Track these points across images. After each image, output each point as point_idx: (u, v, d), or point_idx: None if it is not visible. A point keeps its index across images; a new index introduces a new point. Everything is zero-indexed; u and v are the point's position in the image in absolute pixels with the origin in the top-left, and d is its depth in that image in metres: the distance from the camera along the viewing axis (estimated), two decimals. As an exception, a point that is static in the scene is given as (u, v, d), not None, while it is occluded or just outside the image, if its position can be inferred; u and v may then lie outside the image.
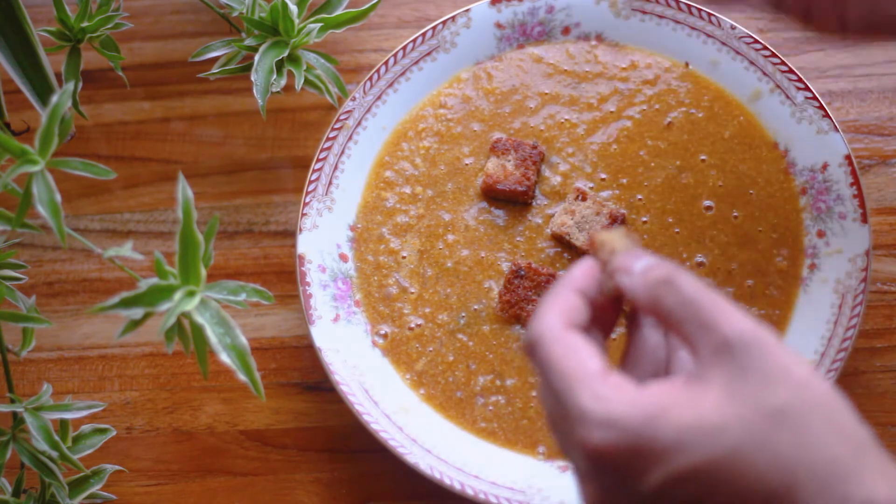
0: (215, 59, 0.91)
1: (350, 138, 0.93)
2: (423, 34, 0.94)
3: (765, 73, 0.92)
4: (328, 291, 0.89)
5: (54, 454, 0.77)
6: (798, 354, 0.55)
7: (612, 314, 0.62)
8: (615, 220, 0.89)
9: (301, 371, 0.93)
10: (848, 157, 0.89)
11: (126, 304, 0.64)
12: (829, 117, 0.90)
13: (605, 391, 0.55)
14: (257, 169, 0.99)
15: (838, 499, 0.52)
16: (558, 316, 0.59)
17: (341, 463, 0.90)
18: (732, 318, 0.55)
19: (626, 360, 0.62)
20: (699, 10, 0.93)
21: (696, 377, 0.55)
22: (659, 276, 0.57)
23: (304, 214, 0.90)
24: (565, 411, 0.56)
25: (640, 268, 0.58)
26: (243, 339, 0.66)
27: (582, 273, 0.61)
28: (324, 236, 0.91)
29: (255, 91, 0.87)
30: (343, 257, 0.91)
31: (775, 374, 0.54)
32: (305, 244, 0.90)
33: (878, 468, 0.54)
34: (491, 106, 0.94)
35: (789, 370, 0.54)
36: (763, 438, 0.53)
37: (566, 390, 0.56)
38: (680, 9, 0.93)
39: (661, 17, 0.94)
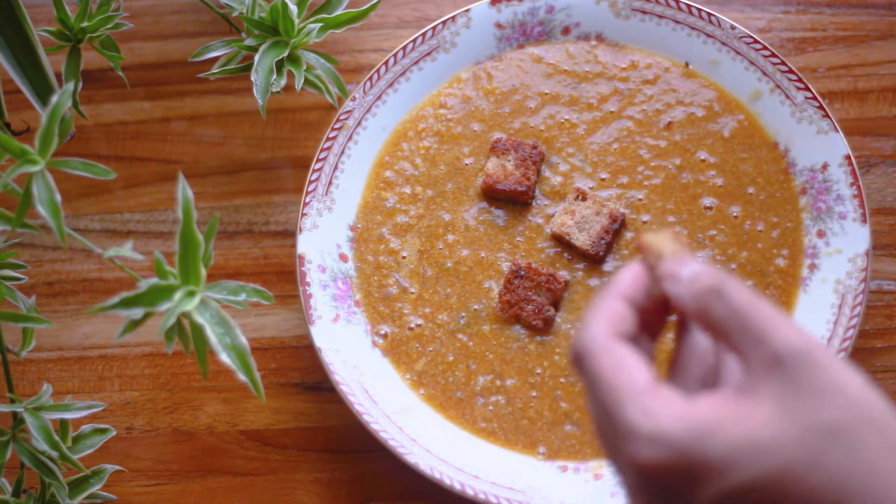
0: (215, 59, 0.91)
1: (350, 138, 0.93)
2: (423, 34, 0.94)
3: (765, 73, 0.92)
4: (328, 291, 0.89)
5: (54, 454, 0.77)
6: (851, 367, 0.53)
7: (660, 318, 0.61)
8: (615, 220, 0.89)
9: (301, 371, 0.93)
10: (848, 157, 0.89)
11: (126, 304, 0.64)
12: (829, 117, 0.90)
13: (653, 405, 0.54)
14: (257, 169, 0.99)
15: None
16: (605, 326, 0.57)
17: (341, 463, 0.90)
18: (783, 329, 0.53)
19: (675, 366, 0.60)
20: (699, 10, 0.93)
21: (746, 390, 0.54)
22: (707, 285, 0.55)
23: (304, 214, 0.90)
24: (614, 425, 0.55)
25: (688, 275, 0.57)
26: (243, 339, 0.66)
27: (629, 279, 0.59)
28: (324, 236, 0.91)
29: (255, 91, 0.87)
30: (343, 257, 0.91)
31: (828, 390, 0.52)
32: (305, 244, 0.90)
33: None
34: (491, 106, 0.94)
35: (842, 385, 0.52)
36: (816, 456, 0.51)
37: (614, 404, 0.55)
38: (680, 9, 0.93)
39: (661, 17, 0.94)
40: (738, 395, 0.54)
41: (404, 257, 0.91)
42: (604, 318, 0.58)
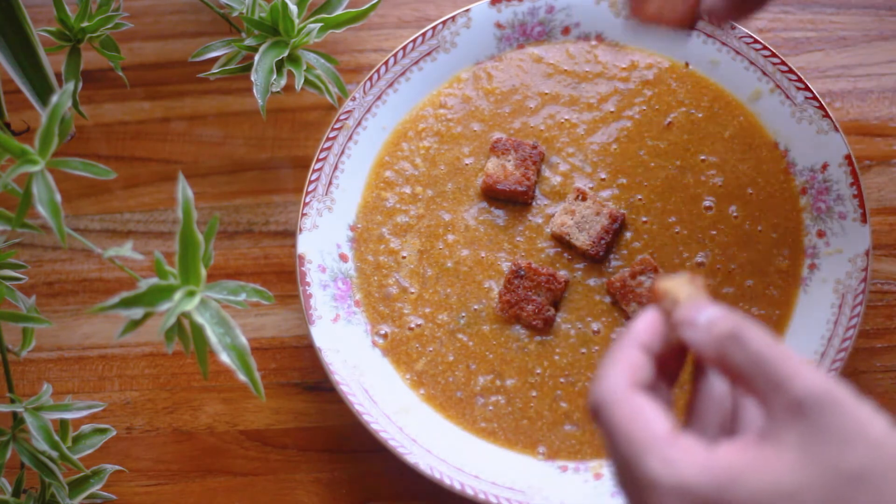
0: (215, 59, 0.91)
1: (350, 138, 0.93)
2: (423, 34, 0.94)
3: (765, 73, 0.92)
4: (328, 291, 0.89)
5: (54, 454, 0.77)
6: (874, 410, 0.52)
7: (677, 362, 0.60)
8: (615, 221, 0.89)
9: (301, 371, 0.93)
10: (848, 157, 0.89)
11: (126, 304, 0.64)
12: (829, 117, 0.90)
13: (674, 455, 0.53)
14: (257, 169, 0.99)
15: None
16: (622, 376, 0.57)
17: (341, 463, 0.90)
18: (804, 374, 0.52)
19: (693, 413, 0.60)
20: (699, 10, 0.93)
21: (768, 436, 0.53)
22: (725, 331, 0.55)
23: (304, 214, 0.90)
24: (635, 477, 0.54)
25: (705, 321, 0.56)
26: (243, 339, 0.66)
27: (645, 327, 0.59)
28: (324, 236, 0.91)
29: (255, 91, 0.87)
30: (343, 257, 0.91)
31: (851, 434, 0.51)
32: (305, 244, 0.90)
33: None
34: (491, 106, 0.94)
35: (865, 428, 0.51)
36: (841, 503, 0.50)
37: (634, 455, 0.54)
38: (680, 9, 0.93)
39: (661, 17, 0.94)
40: (759, 442, 0.53)
41: (404, 257, 0.91)
42: (621, 368, 0.57)
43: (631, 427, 0.54)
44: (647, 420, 0.55)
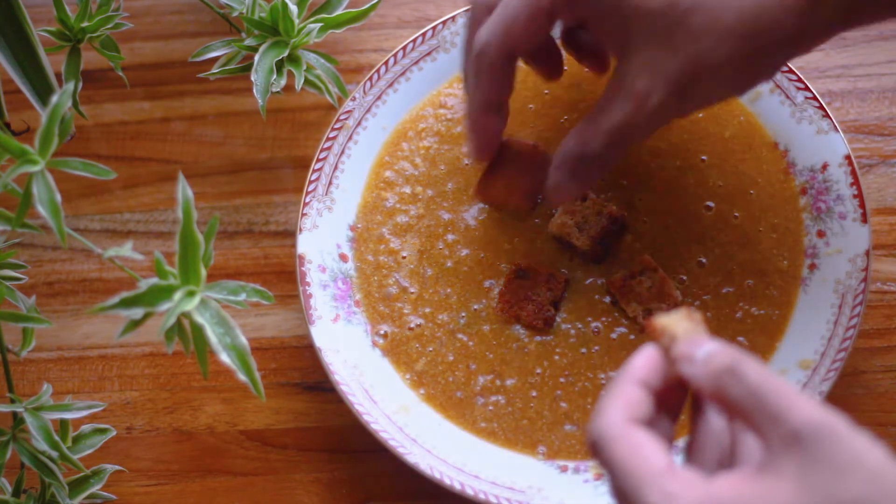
0: (215, 59, 0.91)
1: (350, 138, 0.93)
2: (423, 34, 0.94)
3: (765, 73, 0.92)
4: (328, 291, 0.89)
5: (54, 454, 0.77)
6: (871, 440, 0.53)
7: (677, 398, 0.61)
8: (616, 221, 0.88)
9: (301, 371, 0.93)
10: (848, 157, 0.89)
11: (126, 304, 0.64)
12: (829, 117, 0.90)
13: (673, 488, 0.53)
14: (257, 169, 0.99)
15: None
16: (621, 412, 0.57)
17: (341, 463, 0.90)
18: (801, 406, 0.53)
19: (692, 448, 0.60)
20: (699, 10, 0.93)
21: (766, 468, 0.53)
22: (722, 365, 0.56)
23: (304, 214, 0.90)
24: None
25: (703, 356, 0.57)
26: (243, 339, 0.66)
27: (643, 363, 0.59)
28: (324, 236, 0.91)
29: (255, 91, 0.87)
30: (343, 257, 0.91)
31: (848, 465, 0.52)
32: (305, 244, 0.90)
33: None
34: (491, 106, 0.94)
35: (862, 458, 0.52)
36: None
37: (633, 489, 0.54)
38: (680, 9, 0.93)
39: (661, 17, 0.94)
40: (757, 474, 0.53)
41: (404, 257, 0.91)
42: (619, 404, 0.58)
43: (630, 462, 0.55)
44: (647, 455, 0.55)
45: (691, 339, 0.58)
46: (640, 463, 0.55)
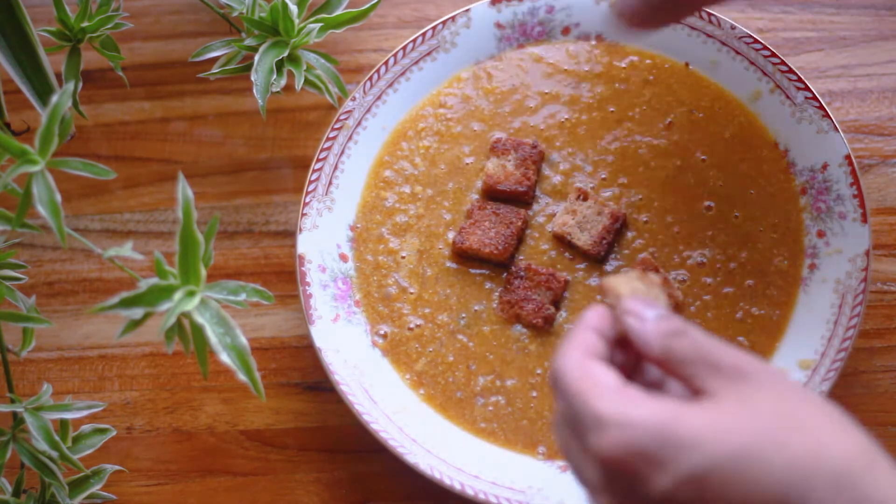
0: (215, 59, 0.91)
1: (350, 138, 0.93)
2: (423, 34, 0.94)
3: (765, 73, 0.92)
4: (328, 291, 0.89)
5: (54, 454, 0.77)
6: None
7: (629, 360, 0.66)
8: (616, 220, 0.89)
9: (301, 371, 0.93)
10: (848, 157, 0.89)
11: (126, 304, 0.64)
12: (829, 117, 0.90)
13: (623, 399, 0.59)
14: (257, 169, 0.99)
15: (856, 499, 0.54)
16: (577, 350, 0.63)
17: (341, 463, 0.90)
18: (743, 355, 0.60)
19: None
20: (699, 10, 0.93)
21: (706, 396, 0.59)
22: (673, 327, 0.62)
23: (304, 214, 0.90)
24: (583, 423, 0.59)
25: (653, 316, 0.63)
26: (243, 339, 0.66)
27: (595, 315, 0.65)
28: (324, 236, 0.91)
29: (255, 91, 0.87)
30: (343, 257, 0.91)
31: (787, 389, 0.59)
32: (305, 244, 0.90)
33: (890, 471, 0.55)
34: (491, 105, 0.94)
35: (799, 387, 0.60)
36: (777, 438, 0.56)
37: (583, 404, 0.59)
38: (680, 9, 0.93)
39: (661, 17, 0.94)
40: (701, 399, 0.59)
41: (403, 257, 0.91)
42: (575, 344, 0.63)
43: (582, 383, 0.60)
44: (597, 376, 0.60)
45: (638, 299, 0.65)
46: (592, 382, 0.60)
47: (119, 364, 0.94)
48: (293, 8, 0.88)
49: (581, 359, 0.62)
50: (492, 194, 0.91)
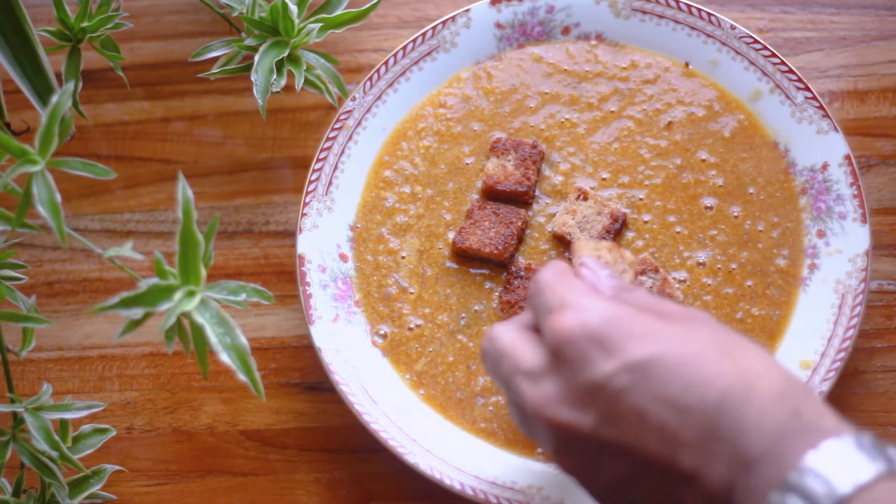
0: (215, 59, 0.91)
1: (350, 138, 0.93)
2: (423, 34, 0.94)
3: (765, 73, 0.92)
4: (328, 291, 0.89)
5: (54, 454, 0.77)
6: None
7: None
8: (616, 220, 0.89)
9: (301, 371, 0.93)
10: (848, 157, 0.89)
11: (126, 304, 0.64)
12: (829, 117, 0.90)
13: (591, 293, 0.66)
14: (257, 169, 0.99)
15: (795, 408, 0.58)
16: (556, 269, 0.69)
17: (341, 463, 0.90)
18: (688, 308, 0.68)
19: None
20: (699, 9, 0.93)
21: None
22: (622, 285, 0.69)
23: (304, 214, 0.90)
24: (545, 309, 0.65)
25: (606, 275, 0.70)
26: (243, 339, 0.66)
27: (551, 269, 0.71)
28: (324, 236, 0.91)
29: (255, 91, 0.87)
30: (343, 257, 0.91)
31: (727, 329, 0.65)
32: (305, 244, 0.90)
33: (824, 405, 0.60)
34: (491, 105, 0.94)
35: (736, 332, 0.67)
36: (722, 352, 0.61)
37: (551, 291, 0.66)
38: (680, 9, 0.93)
39: (661, 17, 0.94)
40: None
41: (403, 257, 0.91)
42: (557, 267, 0.70)
43: (558, 281, 0.67)
44: (575, 280, 0.68)
45: (596, 261, 0.71)
46: (569, 282, 0.67)
47: (119, 364, 0.94)
48: (293, 8, 0.88)
49: (565, 272, 0.68)
50: (492, 194, 0.91)
